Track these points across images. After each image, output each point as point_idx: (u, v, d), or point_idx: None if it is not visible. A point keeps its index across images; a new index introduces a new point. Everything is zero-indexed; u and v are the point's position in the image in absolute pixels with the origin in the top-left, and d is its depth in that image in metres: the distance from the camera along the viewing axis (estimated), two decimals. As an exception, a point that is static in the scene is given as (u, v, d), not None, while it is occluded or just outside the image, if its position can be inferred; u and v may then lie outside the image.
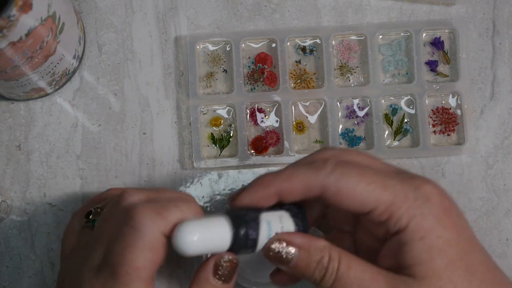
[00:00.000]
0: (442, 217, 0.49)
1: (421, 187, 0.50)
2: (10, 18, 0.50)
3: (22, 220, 0.66)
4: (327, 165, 0.50)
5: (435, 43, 0.68)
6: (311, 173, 0.50)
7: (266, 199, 0.51)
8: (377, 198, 0.49)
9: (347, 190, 0.49)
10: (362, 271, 0.49)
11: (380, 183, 0.49)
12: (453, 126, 0.67)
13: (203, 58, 0.68)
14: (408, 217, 0.49)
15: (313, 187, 0.50)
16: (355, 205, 0.49)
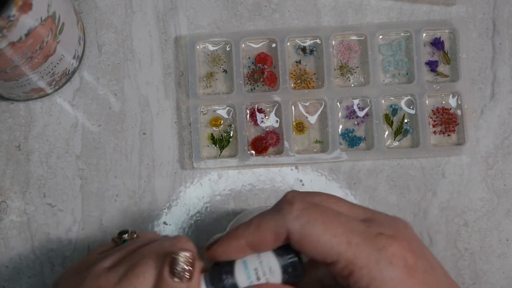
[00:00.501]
0: (405, 279, 0.48)
1: (386, 248, 0.48)
2: (10, 18, 0.50)
3: (21, 220, 0.66)
4: (293, 210, 0.49)
5: (435, 43, 0.67)
6: (278, 219, 0.49)
7: (238, 251, 0.50)
8: (339, 253, 0.48)
9: (311, 239, 0.48)
10: None
11: (344, 238, 0.48)
12: (453, 127, 0.67)
13: (203, 58, 0.68)
14: (368, 280, 0.48)
15: (280, 233, 0.49)
16: (318, 255, 0.49)
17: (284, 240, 0.49)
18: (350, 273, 0.48)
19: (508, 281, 0.65)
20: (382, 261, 0.48)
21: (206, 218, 0.66)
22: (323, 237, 0.48)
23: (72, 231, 0.66)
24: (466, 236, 0.65)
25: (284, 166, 0.67)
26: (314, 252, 0.48)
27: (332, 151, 0.66)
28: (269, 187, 0.66)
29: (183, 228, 0.66)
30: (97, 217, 0.66)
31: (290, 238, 0.49)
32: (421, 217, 0.66)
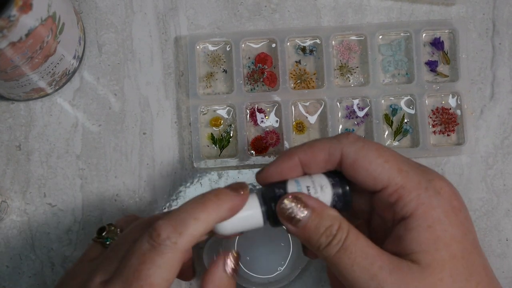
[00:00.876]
0: (450, 213, 0.49)
1: (435, 180, 0.50)
2: (10, 18, 0.50)
3: (22, 220, 0.66)
4: (350, 137, 0.51)
5: (435, 43, 0.68)
6: (333, 142, 0.51)
7: (290, 170, 0.51)
8: (389, 178, 0.50)
9: (364, 162, 0.50)
10: (368, 246, 0.49)
11: (396, 165, 0.50)
12: (453, 126, 0.67)
13: (203, 58, 0.68)
14: (416, 203, 0.49)
15: (334, 154, 0.50)
16: (368, 179, 0.50)
17: (337, 163, 0.51)
18: (399, 198, 0.49)
19: (508, 281, 0.65)
20: (431, 189, 0.50)
21: (206, 218, 0.66)
22: (376, 161, 0.50)
23: (72, 231, 0.66)
24: (465, 236, 0.65)
25: (284, 166, 0.67)
26: (366, 176, 0.50)
27: (332, 151, 0.66)
28: (269, 187, 0.66)
29: (183, 228, 0.66)
30: (97, 217, 0.66)
31: (343, 161, 0.50)
32: (421, 217, 0.66)
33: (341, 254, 0.49)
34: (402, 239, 0.49)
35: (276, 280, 0.63)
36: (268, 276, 0.63)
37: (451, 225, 0.49)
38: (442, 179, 0.51)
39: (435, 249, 0.48)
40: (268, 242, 0.63)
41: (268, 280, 0.63)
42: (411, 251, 0.49)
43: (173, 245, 0.48)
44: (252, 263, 0.63)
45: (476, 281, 0.49)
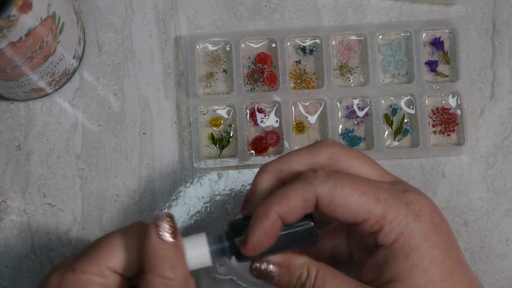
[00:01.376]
0: (431, 234, 0.50)
1: (413, 203, 0.51)
2: (10, 18, 0.50)
3: (21, 220, 0.66)
4: (319, 176, 0.50)
5: (435, 43, 0.68)
6: (305, 186, 0.50)
7: (273, 228, 0.50)
8: (369, 210, 0.50)
9: (340, 200, 0.50)
10: (337, 285, 0.51)
11: (373, 195, 0.50)
12: (453, 126, 0.67)
13: (203, 58, 0.68)
14: (396, 233, 0.50)
15: (309, 199, 0.50)
16: (348, 216, 0.50)
17: (313, 207, 0.50)
18: (380, 228, 0.50)
19: (508, 281, 0.65)
20: (410, 215, 0.50)
21: (206, 218, 0.66)
22: (353, 197, 0.50)
23: (72, 231, 0.66)
24: (465, 236, 0.65)
25: (284, 166, 0.66)
26: (345, 214, 0.50)
27: (332, 151, 0.66)
28: (269, 187, 0.66)
29: (183, 228, 0.66)
30: (97, 217, 0.66)
31: (319, 204, 0.50)
32: (421, 217, 0.66)
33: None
34: (380, 268, 0.50)
35: (276, 280, 0.63)
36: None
37: (431, 248, 0.50)
38: (418, 197, 0.51)
39: (410, 278, 0.49)
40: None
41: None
42: (388, 279, 0.50)
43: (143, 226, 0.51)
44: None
45: None
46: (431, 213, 0.51)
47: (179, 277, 0.49)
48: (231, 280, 0.63)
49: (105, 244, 0.50)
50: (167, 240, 0.49)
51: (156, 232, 0.49)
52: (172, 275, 0.49)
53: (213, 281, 0.65)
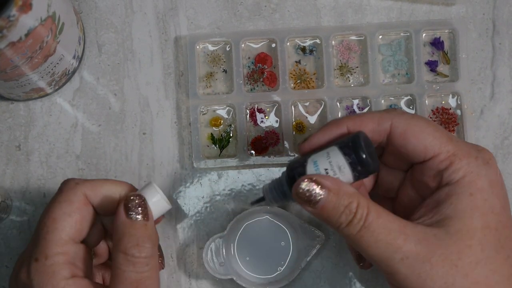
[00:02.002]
0: (495, 184, 0.51)
1: (484, 151, 0.52)
2: (9, 18, 0.50)
3: (22, 220, 0.66)
4: (398, 110, 0.52)
5: (435, 43, 0.68)
6: (382, 113, 0.52)
7: (338, 139, 0.52)
8: (441, 145, 0.51)
9: (414, 131, 0.51)
10: (390, 221, 0.49)
11: (445, 134, 0.51)
12: (453, 126, 0.67)
13: (203, 58, 0.68)
14: (465, 170, 0.50)
15: (383, 124, 0.51)
16: (419, 149, 0.51)
17: (385, 134, 0.52)
18: (450, 164, 0.50)
19: None
20: (480, 159, 0.51)
21: (206, 218, 0.66)
22: (427, 129, 0.51)
23: (72, 231, 0.66)
24: (466, 236, 0.65)
25: (284, 166, 0.66)
26: (417, 145, 0.51)
27: (332, 151, 0.66)
28: (269, 187, 0.66)
29: (182, 228, 0.66)
30: (97, 217, 0.66)
31: (392, 131, 0.51)
32: (421, 217, 0.66)
33: (363, 232, 0.49)
34: (440, 204, 0.50)
35: (276, 280, 0.63)
36: (268, 276, 0.63)
37: (493, 196, 0.50)
38: (490, 152, 0.52)
39: (469, 217, 0.49)
40: (268, 242, 0.63)
41: (268, 280, 0.63)
42: (445, 216, 0.49)
43: (74, 185, 0.53)
44: (252, 263, 0.63)
45: (507, 254, 0.49)
46: (497, 170, 0.52)
47: (143, 255, 0.51)
48: (231, 280, 0.63)
49: (49, 222, 0.52)
50: (134, 219, 0.51)
51: (125, 210, 0.52)
52: (136, 253, 0.50)
53: (213, 281, 0.65)
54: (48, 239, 0.51)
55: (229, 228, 0.63)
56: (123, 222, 0.51)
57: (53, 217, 0.52)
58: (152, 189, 0.53)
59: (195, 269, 0.65)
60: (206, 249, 0.63)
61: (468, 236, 0.49)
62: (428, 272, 0.48)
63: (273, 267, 0.63)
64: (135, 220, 0.51)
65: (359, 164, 0.50)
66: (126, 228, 0.51)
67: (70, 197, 0.53)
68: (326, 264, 0.65)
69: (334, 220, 0.50)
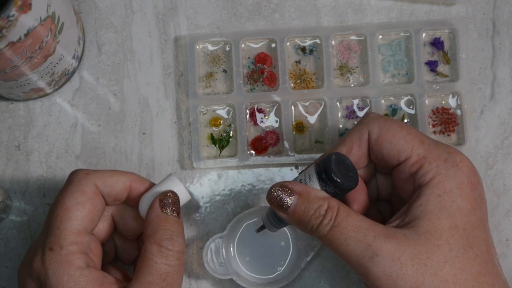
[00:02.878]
0: (464, 186, 0.52)
1: (455, 153, 0.53)
2: (9, 18, 0.50)
3: (21, 220, 0.66)
4: (371, 114, 0.55)
5: (435, 43, 0.67)
6: (358, 126, 0.55)
7: None
8: (412, 149, 0.53)
9: (388, 136, 0.53)
10: (360, 220, 0.51)
11: (417, 137, 0.53)
12: (453, 126, 0.67)
13: (202, 58, 0.68)
14: (434, 173, 0.52)
15: (362, 135, 0.54)
16: (392, 152, 0.53)
17: (366, 143, 0.55)
18: (420, 167, 0.53)
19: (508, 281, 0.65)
20: (450, 161, 0.53)
21: (206, 218, 0.66)
22: (399, 133, 0.53)
23: (71, 231, 0.66)
24: (466, 236, 0.65)
25: (283, 166, 0.67)
26: (390, 149, 0.53)
27: (331, 151, 0.66)
28: (268, 187, 0.66)
29: (182, 228, 0.66)
30: (96, 217, 0.66)
31: (370, 139, 0.54)
32: (420, 217, 0.66)
33: (334, 231, 0.51)
34: (411, 206, 0.52)
35: (276, 280, 0.63)
36: (268, 277, 0.63)
37: (461, 198, 0.51)
38: (461, 154, 0.53)
39: (437, 218, 0.51)
40: (268, 242, 0.63)
41: (268, 281, 0.63)
42: (415, 217, 0.51)
43: (84, 175, 0.54)
44: (252, 263, 0.63)
45: (475, 253, 0.51)
46: (470, 170, 0.53)
47: (176, 249, 0.53)
48: (231, 280, 0.63)
49: (62, 212, 0.53)
50: (168, 213, 0.54)
51: (160, 205, 0.54)
52: (170, 245, 0.53)
53: (213, 281, 0.65)
54: (62, 229, 0.52)
55: (229, 228, 0.63)
56: (158, 215, 0.54)
57: (66, 207, 0.53)
58: (174, 181, 0.56)
59: (195, 269, 0.65)
60: (206, 249, 0.63)
61: (436, 236, 0.50)
62: (398, 271, 0.49)
63: (273, 267, 0.63)
64: (169, 216, 0.54)
65: (324, 171, 0.52)
66: (161, 222, 0.54)
67: (82, 187, 0.54)
68: (326, 264, 0.65)
69: (305, 223, 0.52)
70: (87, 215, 0.54)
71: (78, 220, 0.53)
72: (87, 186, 0.54)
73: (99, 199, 0.55)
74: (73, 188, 0.54)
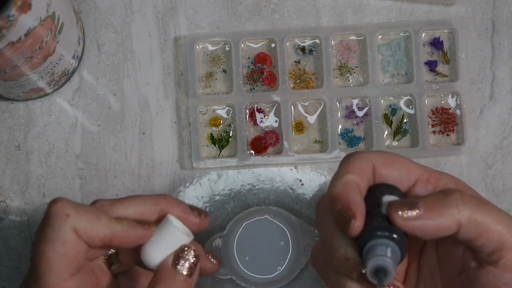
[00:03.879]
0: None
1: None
2: (9, 18, 0.50)
3: (21, 220, 0.66)
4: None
5: (434, 43, 0.68)
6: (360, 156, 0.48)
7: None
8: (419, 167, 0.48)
9: (396, 158, 0.48)
10: None
11: (416, 163, 0.49)
12: (453, 126, 0.67)
13: (202, 58, 0.68)
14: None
15: (369, 165, 0.48)
16: (403, 172, 0.48)
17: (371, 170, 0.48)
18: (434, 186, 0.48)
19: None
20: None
21: (206, 218, 0.66)
22: (403, 157, 0.49)
23: (71, 231, 0.66)
24: (465, 236, 0.65)
25: (283, 166, 0.67)
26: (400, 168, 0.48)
27: (331, 151, 0.66)
28: (268, 187, 0.66)
29: (182, 228, 0.66)
30: (96, 217, 0.66)
31: (375, 166, 0.48)
32: (420, 217, 0.66)
33: None
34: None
35: (275, 280, 0.63)
36: (268, 276, 0.63)
37: None
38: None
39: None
40: (267, 242, 0.63)
41: (268, 280, 0.63)
42: None
43: (64, 218, 0.48)
44: (252, 262, 0.63)
45: None
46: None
47: None
48: (231, 280, 0.63)
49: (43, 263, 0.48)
50: (179, 270, 0.50)
51: (174, 258, 0.50)
52: None
53: (213, 281, 0.65)
54: (46, 281, 0.48)
55: (229, 228, 0.63)
56: (167, 268, 0.50)
57: (46, 258, 0.48)
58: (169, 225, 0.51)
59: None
60: (206, 249, 0.63)
61: None
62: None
63: (273, 267, 0.63)
64: (179, 272, 0.50)
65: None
66: (167, 275, 0.49)
67: (61, 235, 0.48)
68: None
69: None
70: (72, 262, 0.48)
71: (62, 270, 0.48)
72: (66, 234, 0.48)
73: (82, 244, 0.49)
74: (52, 234, 0.48)
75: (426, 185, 0.49)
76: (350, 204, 0.46)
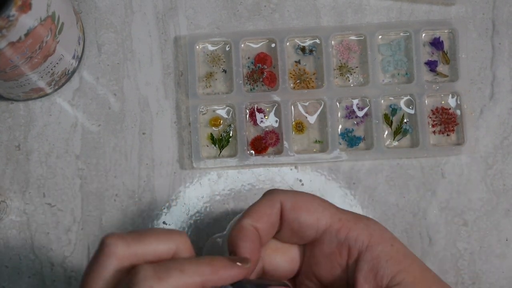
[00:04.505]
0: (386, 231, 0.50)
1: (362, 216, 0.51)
2: (9, 18, 0.50)
3: (21, 220, 0.66)
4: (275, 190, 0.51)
5: (434, 43, 0.68)
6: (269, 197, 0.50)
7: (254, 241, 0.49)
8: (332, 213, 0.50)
9: (305, 203, 0.50)
10: None
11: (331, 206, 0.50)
12: (453, 126, 0.67)
13: (202, 58, 0.68)
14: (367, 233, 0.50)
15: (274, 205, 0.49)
16: (311, 219, 0.49)
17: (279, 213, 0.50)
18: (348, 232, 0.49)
19: (507, 281, 0.65)
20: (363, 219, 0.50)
21: (206, 218, 0.66)
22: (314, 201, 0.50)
23: (71, 231, 0.66)
24: (465, 236, 0.65)
25: (283, 166, 0.67)
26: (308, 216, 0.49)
27: (331, 151, 0.66)
28: (268, 187, 0.66)
29: (182, 228, 0.66)
30: (96, 217, 0.66)
31: (283, 209, 0.50)
32: (420, 217, 0.66)
33: None
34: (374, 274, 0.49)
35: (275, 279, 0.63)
36: (268, 276, 0.63)
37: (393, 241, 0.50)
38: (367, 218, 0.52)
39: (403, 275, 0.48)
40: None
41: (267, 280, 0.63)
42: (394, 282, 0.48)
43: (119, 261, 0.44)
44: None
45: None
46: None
47: None
48: (230, 280, 0.63)
49: None
50: None
51: None
52: None
53: (213, 281, 0.65)
54: None
55: (229, 228, 0.63)
56: None
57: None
58: None
59: None
60: (206, 249, 0.63)
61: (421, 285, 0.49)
62: None
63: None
64: None
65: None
66: None
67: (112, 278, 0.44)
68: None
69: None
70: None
71: None
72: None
73: None
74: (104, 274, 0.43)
75: (337, 235, 0.49)
76: (238, 250, 0.48)
